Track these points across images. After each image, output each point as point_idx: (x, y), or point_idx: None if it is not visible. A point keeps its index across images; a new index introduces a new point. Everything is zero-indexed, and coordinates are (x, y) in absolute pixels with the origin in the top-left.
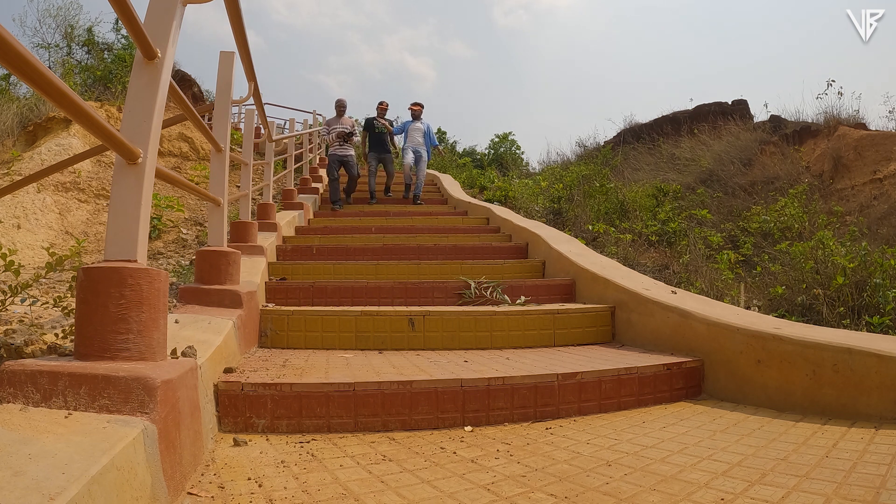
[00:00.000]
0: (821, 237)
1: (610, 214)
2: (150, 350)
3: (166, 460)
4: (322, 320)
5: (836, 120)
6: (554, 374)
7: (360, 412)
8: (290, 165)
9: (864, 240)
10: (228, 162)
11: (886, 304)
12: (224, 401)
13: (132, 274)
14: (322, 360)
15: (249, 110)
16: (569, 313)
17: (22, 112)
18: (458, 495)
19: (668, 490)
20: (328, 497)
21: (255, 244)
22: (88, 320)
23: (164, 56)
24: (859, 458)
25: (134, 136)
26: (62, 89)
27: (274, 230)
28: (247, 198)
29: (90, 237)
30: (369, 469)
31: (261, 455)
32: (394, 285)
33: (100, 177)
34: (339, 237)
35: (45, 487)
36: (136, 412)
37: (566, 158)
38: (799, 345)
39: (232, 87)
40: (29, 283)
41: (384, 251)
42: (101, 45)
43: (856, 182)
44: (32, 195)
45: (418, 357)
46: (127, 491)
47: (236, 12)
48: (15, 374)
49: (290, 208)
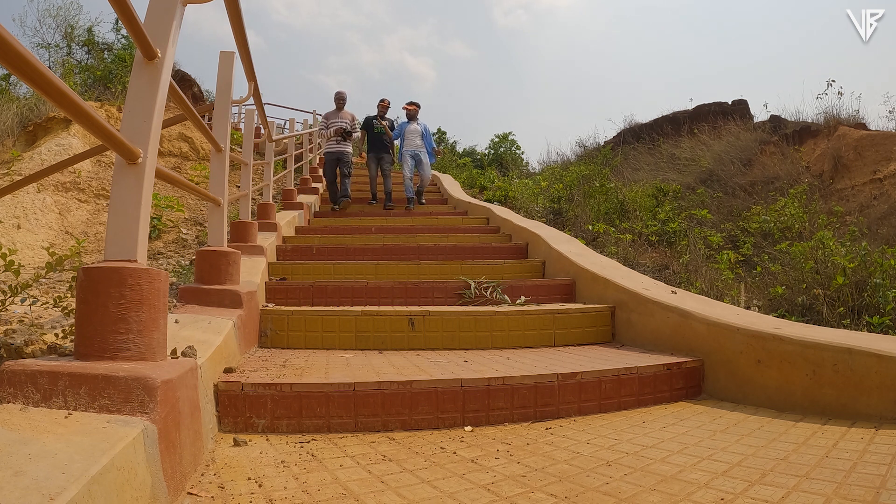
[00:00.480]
0: (821, 237)
1: (610, 214)
2: (150, 350)
3: (166, 460)
4: (322, 320)
5: (836, 120)
6: (554, 374)
7: (360, 412)
8: (290, 165)
9: (864, 240)
10: (228, 162)
11: (886, 304)
12: (224, 401)
13: (132, 274)
14: (322, 360)
15: (249, 110)
16: (569, 313)
17: (22, 112)
18: (458, 495)
19: (668, 490)
20: (328, 497)
21: (255, 244)
22: (88, 320)
23: (164, 56)
24: (859, 458)
25: (134, 136)
26: (62, 89)
27: (274, 230)
28: (247, 198)
29: (90, 237)
30: (369, 469)
31: (261, 455)
32: (394, 285)
33: (100, 177)
34: (339, 237)
35: (45, 487)
36: (136, 412)
37: (566, 158)
38: (799, 345)
39: (232, 87)
40: (29, 283)
41: (384, 251)
42: (101, 45)
43: (856, 182)
44: (32, 195)
45: (418, 357)
46: (127, 491)
47: (236, 12)
48: (15, 374)
49: (290, 208)
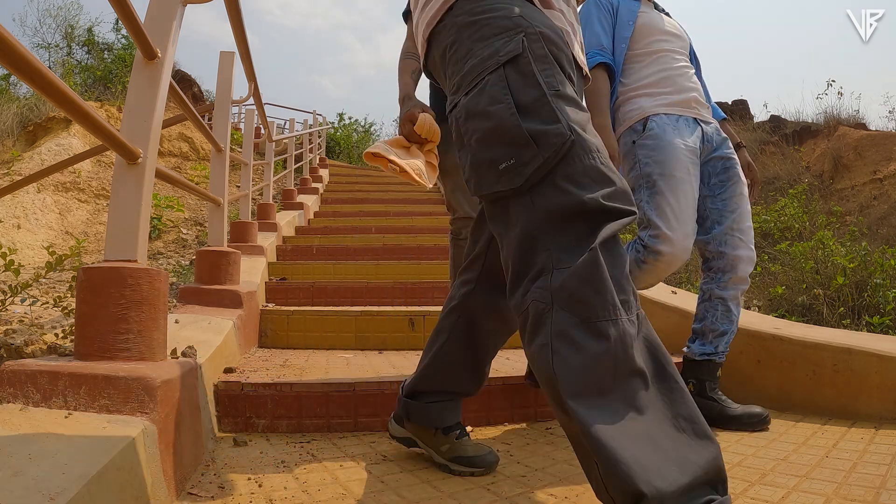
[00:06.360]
0: (821, 237)
1: None
2: (150, 350)
3: (166, 460)
4: (322, 320)
5: (836, 120)
6: None
7: (360, 412)
8: (290, 165)
9: (864, 240)
10: (228, 162)
11: (886, 304)
12: (224, 401)
13: (132, 274)
14: (322, 360)
15: (249, 110)
16: None
17: (22, 112)
18: (458, 495)
19: None
20: (328, 497)
21: (255, 244)
22: (88, 320)
23: (164, 56)
24: (859, 458)
25: (134, 136)
26: (62, 89)
27: (274, 230)
28: (247, 198)
29: (90, 237)
30: (369, 469)
31: (261, 455)
32: (394, 285)
33: (100, 177)
34: (340, 237)
35: (45, 487)
36: (136, 412)
37: None
38: (799, 345)
39: (232, 87)
40: (29, 283)
41: (384, 251)
42: (101, 45)
43: (856, 182)
44: (32, 195)
45: (418, 357)
46: (127, 491)
47: (236, 12)
48: (15, 374)
49: (290, 208)
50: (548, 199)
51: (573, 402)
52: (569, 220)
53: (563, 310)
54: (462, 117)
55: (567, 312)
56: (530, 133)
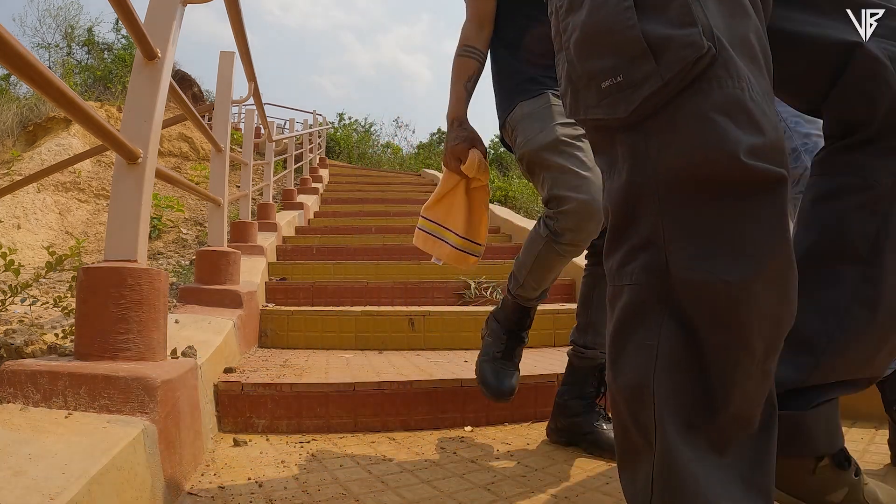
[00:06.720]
0: None
1: None
2: (150, 350)
3: (166, 460)
4: (322, 320)
5: None
6: (554, 375)
7: (359, 412)
8: (290, 165)
9: None
10: (228, 162)
11: None
12: (224, 401)
13: (132, 274)
14: (322, 361)
15: (249, 110)
16: (569, 313)
17: (22, 112)
18: (458, 495)
19: None
20: (328, 497)
21: (256, 244)
22: (88, 320)
23: (164, 56)
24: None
25: (134, 136)
26: (62, 89)
27: (274, 230)
28: (247, 198)
29: (90, 237)
30: (369, 469)
31: (261, 455)
32: (394, 285)
33: (100, 177)
34: (340, 237)
35: (45, 487)
36: (136, 412)
37: None
38: None
39: (232, 87)
40: (29, 283)
41: (384, 251)
42: (101, 45)
43: None
44: (32, 195)
45: (418, 357)
46: (127, 491)
47: (236, 12)
48: (15, 374)
49: (290, 208)
50: (665, 143)
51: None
52: (690, 182)
53: (677, 318)
54: (564, 7)
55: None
56: (648, 39)
